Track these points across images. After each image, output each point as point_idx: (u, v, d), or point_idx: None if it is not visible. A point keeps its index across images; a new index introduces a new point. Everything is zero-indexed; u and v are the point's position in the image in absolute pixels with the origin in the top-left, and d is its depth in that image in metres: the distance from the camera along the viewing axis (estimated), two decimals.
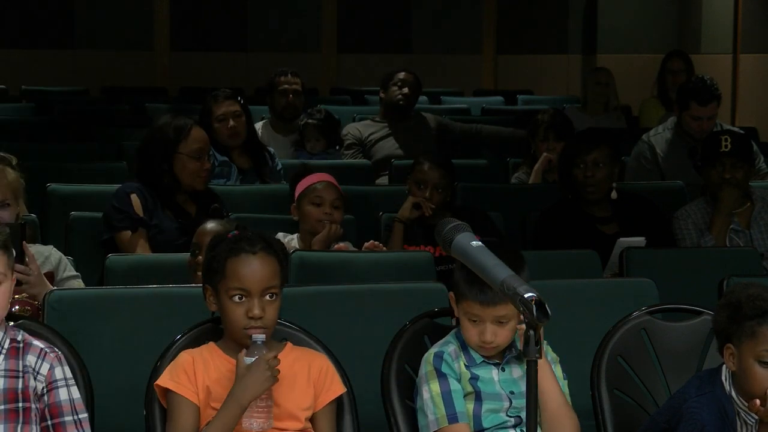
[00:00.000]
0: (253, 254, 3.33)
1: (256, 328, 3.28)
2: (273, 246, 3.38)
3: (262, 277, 3.31)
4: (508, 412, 3.39)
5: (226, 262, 3.32)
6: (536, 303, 2.60)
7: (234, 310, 3.30)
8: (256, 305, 3.29)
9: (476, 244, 2.86)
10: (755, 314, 3.25)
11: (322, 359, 3.45)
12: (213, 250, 3.38)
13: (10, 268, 3.28)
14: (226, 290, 3.31)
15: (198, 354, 3.35)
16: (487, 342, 3.36)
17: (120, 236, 5.13)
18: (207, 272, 3.38)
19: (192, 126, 5.32)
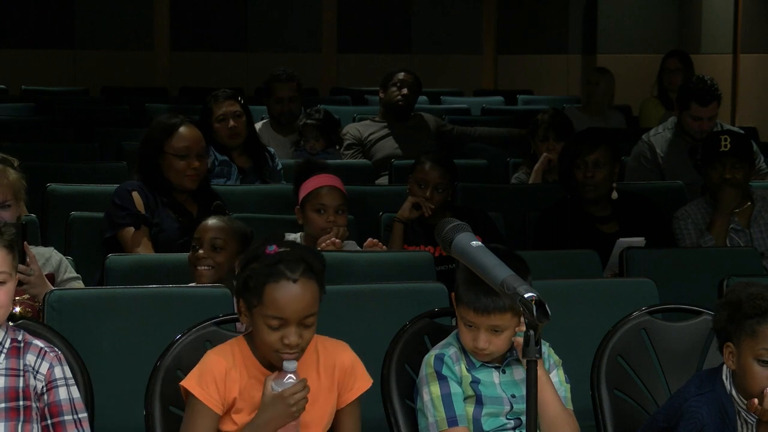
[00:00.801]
0: (294, 282, 3.15)
1: (291, 354, 3.16)
2: (313, 268, 3.19)
3: (302, 306, 3.15)
4: (508, 415, 3.39)
5: (264, 288, 3.15)
6: (536, 303, 2.60)
7: (269, 335, 3.16)
8: (293, 333, 3.15)
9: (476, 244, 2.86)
10: (755, 313, 3.25)
11: (345, 355, 3.31)
12: (249, 267, 3.20)
13: (13, 268, 3.29)
14: (262, 316, 3.15)
15: (230, 359, 3.23)
16: (480, 348, 3.35)
17: (123, 233, 5.12)
18: (242, 289, 3.20)
19: (180, 124, 5.28)
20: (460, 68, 13.78)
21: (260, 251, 3.19)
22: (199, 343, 3.40)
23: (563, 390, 3.45)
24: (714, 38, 12.16)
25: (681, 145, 6.96)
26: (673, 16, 12.82)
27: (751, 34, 11.78)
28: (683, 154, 6.84)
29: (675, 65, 9.20)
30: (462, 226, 2.93)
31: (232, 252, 4.50)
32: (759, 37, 11.69)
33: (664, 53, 9.51)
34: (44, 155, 7.14)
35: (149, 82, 12.96)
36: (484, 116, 10.15)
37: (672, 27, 12.76)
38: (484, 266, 2.78)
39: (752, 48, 11.79)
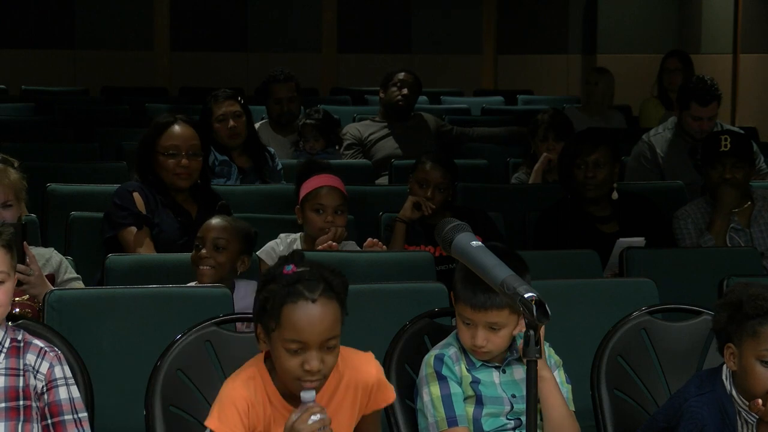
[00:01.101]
0: (313, 302, 2.96)
1: (312, 381, 2.98)
2: (334, 287, 3.00)
3: (322, 329, 2.96)
4: (509, 415, 3.39)
5: (282, 309, 2.96)
6: (536, 303, 2.60)
7: (288, 360, 2.97)
8: (315, 358, 2.96)
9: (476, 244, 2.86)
10: (756, 314, 3.25)
11: (370, 373, 3.16)
12: (266, 288, 3.02)
13: (12, 267, 3.29)
14: (281, 339, 2.97)
15: (252, 390, 3.06)
16: (478, 346, 3.35)
17: (125, 233, 5.12)
18: (260, 312, 3.03)
19: (172, 123, 5.26)
20: (460, 68, 13.78)
21: (278, 271, 3.02)
22: (199, 343, 3.40)
23: (564, 391, 3.45)
24: (714, 38, 12.16)
25: (681, 145, 6.97)
26: (673, 16, 12.83)
27: (751, 34, 11.78)
28: (683, 154, 6.85)
29: (675, 65, 9.20)
30: (462, 226, 2.93)
31: (234, 252, 4.51)
32: (759, 37, 11.69)
33: (664, 53, 9.51)
34: (44, 155, 7.14)
35: (149, 82, 12.96)
36: (484, 116, 10.15)
37: (672, 27, 12.76)
38: (484, 266, 2.78)
39: (752, 48, 11.79)
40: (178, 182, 5.21)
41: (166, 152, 5.19)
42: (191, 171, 5.23)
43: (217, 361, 3.39)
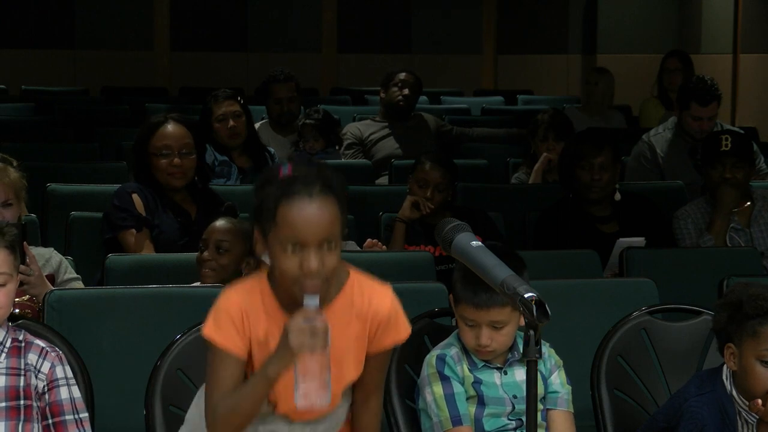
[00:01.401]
0: (309, 198, 2.84)
1: (312, 283, 2.83)
2: (332, 185, 2.88)
3: (319, 226, 2.83)
4: (510, 416, 3.39)
5: (277, 208, 2.85)
6: (536, 303, 2.60)
7: (286, 261, 2.84)
8: (313, 257, 2.82)
9: (476, 244, 2.86)
10: (757, 314, 3.25)
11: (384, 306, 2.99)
12: (263, 189, 2.92)
13: (15, 268, 3.29)
14: (278, 240, 2.85)
15: (247, 299, 2.95)
16: (483, 345, 3.35)
17: (125, 236, 5.11)
18: (257, 213, 2.93)
19: (163, 123, 5.23)
20: (460, 68, 13.78)
21: (274, 173, 2.93)
22: (199, 343, 3.39)
23: (565, 392, 3.45)
24: (714, 38, 12.16)
25: (681, 145, 6.97)
26: (673, 16, 12.83)
27: (751, 34, 11.78)
28: (683, 154, 6.84)
29: (675, 65, 9.20)
30: (462, 226, 2.93)
31: (237, 254, 4.47)
32: (759, 37, 11.69)
33: (664, 53, 9.51)
34: (44, 155, 7.14)
35: (149, 82, 12.96)
36: (484, 116, 10.15)
37: (672, 27, 12.76)
38: (484, 266, 2.78)
39: (752, 48, 11.79)
40: (172, 182, 5.19)
41: (158, 152, 5.18)
42: (185, 170, 5.21)
43: None
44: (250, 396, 2.90)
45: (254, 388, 2.90)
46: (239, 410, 2.91)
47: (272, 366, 2.85)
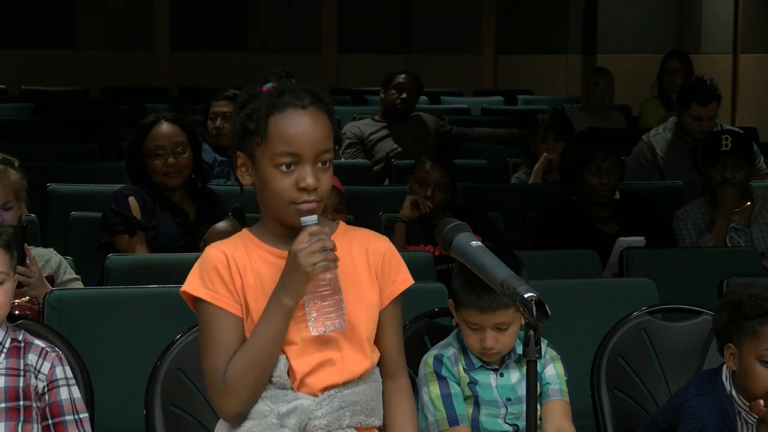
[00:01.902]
0: (303, 109, 2.69)
1: (309, 202, 2.68)
2: (322, 99, 2.74)
3: (315, 138, 2.68)
4: (506, 418, 3.39)
5: (268, 121, 2.68)
6: (536, 303, 2.60)
7: (280, 181, 2.67)
8: (309, 173, 2.66)
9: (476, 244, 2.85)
10: (756, 314, 3.25)
11: (383, 240, 2.88)
12: (246, 107, 2.73)
13: (12, 268, 3.29)
14: (269, 157, 2.67)
15: (231, 249, 2.75)
16: (488, 348, 3.35)
17: (118, 240, 5.12)
18: (240, 136, 2.73)
19: (155, 123, 5.23)
20: (460, 68, 13.78)
21: (256, 90, 2.76)
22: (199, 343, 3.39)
23: (557, 382, 3.43)
24: (714, 38, 12.16)
25: (681, 145, 6.97)
26: (673, 16, 12.83)
27: (751, 34, 11.78)
28: (683, 154, 6.85)
29: (675, 65, 9.20)
30: (462, 226, 2.92)
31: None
32: (759, 37, 11.69)
33: (664, 53, 9.51)
34: (44, 155, 7.14)
35: (149, 82, 12.96)
36: (484, 116, 10.15)
37: (672, 27, 12.76)
38: (484, 266, 2.77)
39: (752, 48, 11.79)
40: (168, 182, 5.18)
41: (152, 153, 5.17)
42: (180, 168, 5.19)
43: None
44: (267, 338, 2.66)
45: (269, 326, 2.66)
46: (256, 364, 2.68)
47: (285, 295, 2.65)
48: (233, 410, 2.72)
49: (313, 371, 2.74)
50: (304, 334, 2.71)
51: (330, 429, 2.73)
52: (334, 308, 2.68)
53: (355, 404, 2.76)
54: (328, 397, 2.74)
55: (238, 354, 2.69)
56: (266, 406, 2.72)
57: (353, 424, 2.77)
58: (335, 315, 2.68)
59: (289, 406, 2.72)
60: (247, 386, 2.70)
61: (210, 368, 2.73)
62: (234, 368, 2.68)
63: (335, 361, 2.75)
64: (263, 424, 2.71)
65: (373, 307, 2.80)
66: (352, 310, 2.74)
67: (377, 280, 2.82)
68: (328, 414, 2.73)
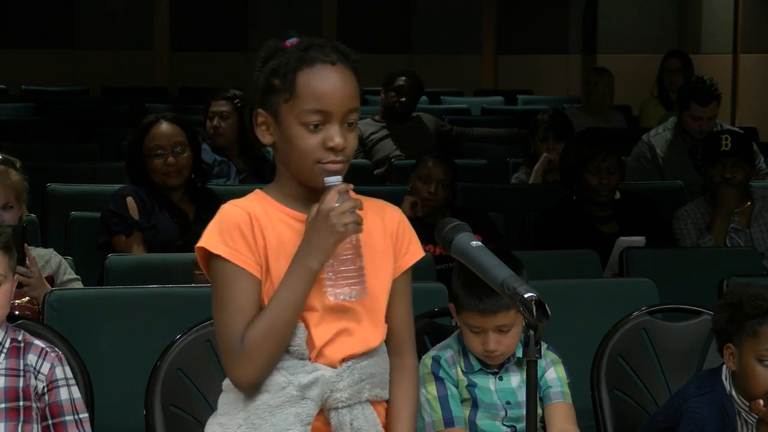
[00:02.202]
0: (332, 65, 2.59)
1: (336, 162, 2.57)
2: (349, 56, 2.66)
3: (344, 96, 2.58)
4: (504, 421, 3.39)
5: (296, 76, 2.55)
6: (536, 303, 2.60)
7: (307, 139, 2.54)
8: (337, 132, 2.55)
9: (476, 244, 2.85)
10: (756, 314, 3.25)
11: (395, 209, 2.78)
12: (270, 62, 2.60)
13: (11, 269, 3.29)
14: (296, 114, 2.55)
15: (251, 208, 2.61)
16: (491, 351, 3.34)
17: (115, 240, 5.12)
18: (263, 92, 2.60)
19: (154, 123, 5.22)
20: (460, 68, 13.78)
21: (279, 45, 2.61)
22: (199, 343, 3.39)
23: (558, 385, 3.43)
24: (714, 38, 12.16)
25: (681, 145, 6.97)
26: (673, 16, 12.83)
27: (751, 34, 11.78)
28: (683, 154, 6.85)
29: (675, 65, 9.20)
30: (462, 226, 2.92)
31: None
32: (759, 37, 11.69)
33: (664, 53, 9.51)
34: (44, 155, 7.14)
35: (149, 82, 12.96)
36: (484, 116, 10.15)
37: (672, 27, 12.76)
38: (484, 266, 2.77)
39: (752, 48, 11.79)
40: (168, 181, 5.18)
41: (151, 153, 5.17)
42: (180, 168, 5.19)
43: (216, 361, 3.38)
44: (290, 303, 2.53)
45: (292, 290, 2.53)
46: (276, 330, 2.54)
47: (311, 257, 2.52)
48: (249, 379, 2.57)
49: (331, 341, 2.61)
50: (325, 300, 2.59)
51: (351, 402, 2.62)
52: (356, 274, 2.57)
53: (373, 376, 2.65)
54: (348, 368, 2.62)
55: (258, 319, 2.54)
56: (283, 377, 2.58)
57: (371, 397, 2.66)
58: (356, 281, 2.57)
59: (310, 377, 2.58)
60: (266, 353, 2.55)
61: (226, 333, 2.57)
62: (253, 334, 2.53)
63: (353, 331, 2.63)
64: (281, 397, 2.58)
65: (389, 277, 2.70)
66: (370, 280, 2.62)
67: (391, 246, 2.71)
68: (350, 386, 2.62)
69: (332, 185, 2.55)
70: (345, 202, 2.54)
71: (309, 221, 2.54)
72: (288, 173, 2.64)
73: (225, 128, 6.48)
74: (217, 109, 6.52)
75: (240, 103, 6.55)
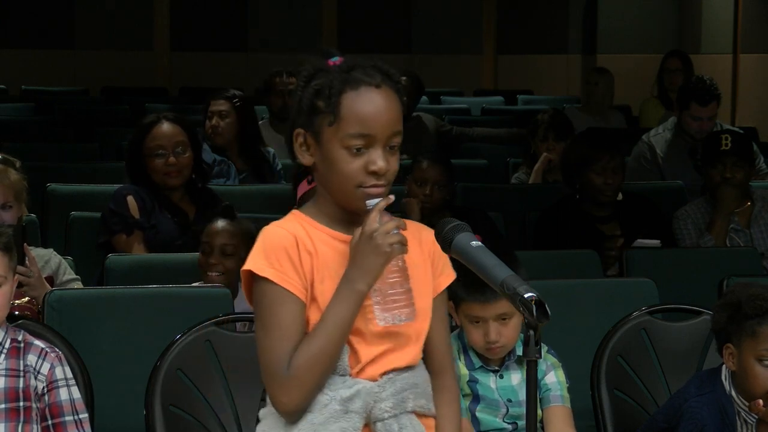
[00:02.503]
0: (377, 88, 2.56)
1: (378, 186, 2.53)
2: (393, 77, 2.61)
3: (389, 119, 2.54)
4: (505, 418, 3.39)
5: (341, 99, 2.53)
6: (536, 303, 2.60)
7: (349, 163, 2.52)
8: (380, 156, 2.52)
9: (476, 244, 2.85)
10: (755, 314, 3.25)
11: (430, 231, 2.70)
12: (312, 83, 2.59)
13: (11, 270, 3.29)
14: (340, 138, 2.52)
15: (295, 230, 2.57)
16: (493, 341, 3.34)
17: (115, 240, 5.12)
18: (307, 113, 2.57)
19: (155, 123, 5.22)
20: (460, 68, 13.78)
21: (321, 65, 2.61)
22: (199, 343, 3.39)
23: (558, 388, 3.44)
24: (714, 38, 12.16)
25: (681, 145, 6.97)
26: (673, 16, 12.83)
27: (751, 34, 11.79)
28: (683, 154, 6.84)
29: (675, 65, 9.20)
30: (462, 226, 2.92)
31: (243, 256, 4.39)
32: (759, 37, 11.69)
33: (664, 53, 9.51)
34: (44, 155, 7.14)
35: (149, 82, 12.96)
36: (484, 116, 10.15)
37: (672, 27, 12.76)
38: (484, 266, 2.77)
39: (752, 48, 11.79)
40: (169, 181, 5.18)
41: (152, 153, 5.17)
42: (180, 168, 5.19)
43: (217, 361, 3.39)
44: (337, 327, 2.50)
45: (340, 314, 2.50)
46: (324, 354, 2.50)
47: (359, 279, 2.50)
48: (296, 404, 2.53)
49: (375, 359, 2.59)
50: (370, 325, 2.57)
51: (396, 413, 2.58)
52: (404, 297, 2.54)
53: (416, 386, 2.62)
54: (389, 379, 2.59)
55: (306, 343, 2.50)
56: (325, 396, 2.55)
57: (416, 407, 2.62)
58: (404, 304, 2.54)
59: (351, 390, 2.55)
60: (315, 378, 2.52)
61: (271, 358, 2.52)
62: (301, 359, 2.49)
63: (396, 350, 2.60)
64: (325, 414, 2.54)
65: (431, 297, 2.66)
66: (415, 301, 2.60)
67: (431, 267, 2.68)
68: (393, 396, 2.58)
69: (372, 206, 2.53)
70: (388, 223, 2.52)
71: (353, 244, 2.53)
72: (328, 194, 2.61)
73: (224, 127, 6.48)
74: (215, 108, 6.51)
75: (239, 102, 6.55)
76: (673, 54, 9.40)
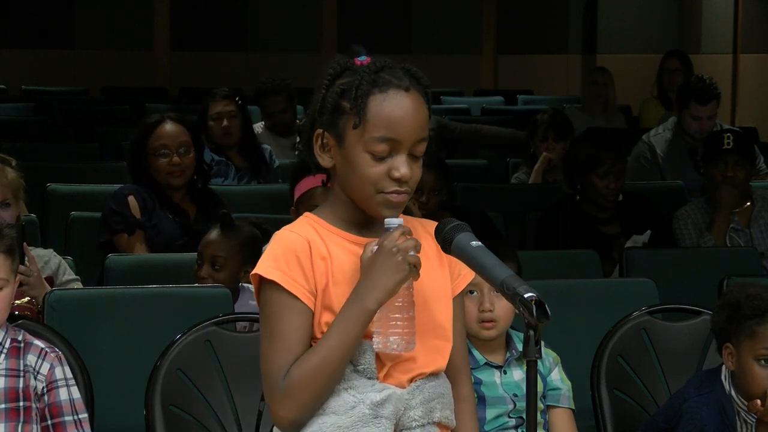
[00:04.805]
0: (406, 91, 2.45)
1: (399, 193, 2.45)
2: (421, 81, 2.51)
3: (416, 124, 2.43)
4: (511, 413, 3.40)
5: (368, 101, 2.43)
6: (536, 303, 2.60)
7: (372, 168, 2.43)
8: (404, 162, 2.42)
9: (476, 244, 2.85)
10: (754, 314, 3.25)
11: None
12: (338, 80, 2.49)
13: (13, 272, 3.29)
14: (364, 141, 2.42)
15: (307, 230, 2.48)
16: (486, 310, 3.34)
17: (117, 239, 5.12)
18: (330, 113, 2.48)
19: (159, 122, 5.21)
20: (460, 68, 13.78)
21: (348, 63, 2.51)
22: (199, 343, 3.39)
23: (566, 389, 3.45)
24: (714, 38, 12.16)
25: (681, 145, 6.97)
26: (673, 16, 12.83)
27: (751, 34, 11.79)
28: (683, 154, 6.85)
29: (675, 65, 9.20)
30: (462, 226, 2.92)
31: (233, 269, 4.31)
32: (759, 37, 11.69)
33: (664, 53, 9.51)
34: (44, 155, 7.14)
35: (149, 82, 12.96)
36: (484, 116, 10.15)
37: (672, 27, 12.76)
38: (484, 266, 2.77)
39: (752, 48, 11.79)
40: (172, 181, 5.18)
41: (156, 152, 5.17)
42: (184, 168, 5.19)
43: (217, 361, 3.39)
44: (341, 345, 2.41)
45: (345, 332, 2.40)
46: (323, 372, 2.42)
47: (370, 297, 2.40)
48: (289, 418, 2.45)
49: (400, 362, 2.50)
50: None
51: (423, 422, 2.51)
52: (408, 324, 2.44)
53: (442, 396, 2.55)
54: (418, 387, 2.51)
55: (306, 357, 2.42)
56: (351, 397, 2.46)
57: (442, 418, 2.55)
58: (407, 331, 2.43)
59: (381, 395, 2.46)
60: (310, 394, 2.43)
61: (271, 369, 2.45)
62: (297, 373, 2.42)
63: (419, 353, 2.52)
64: (352, 416, 2.46)
65: (450, 299, 2.58)
66: (433, 306, 2.53)
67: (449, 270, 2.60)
68: (422, 404, 2.51)
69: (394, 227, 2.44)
70: (408, 240, 2.44)
71: (366, 258, 2.43)
72: (345, 197, 2.52)
73: (234, 127, 6.50)
74: (222, 109, 6.51)
75: (240, 101, 6.57)
76: (673, 54, 9.40)
